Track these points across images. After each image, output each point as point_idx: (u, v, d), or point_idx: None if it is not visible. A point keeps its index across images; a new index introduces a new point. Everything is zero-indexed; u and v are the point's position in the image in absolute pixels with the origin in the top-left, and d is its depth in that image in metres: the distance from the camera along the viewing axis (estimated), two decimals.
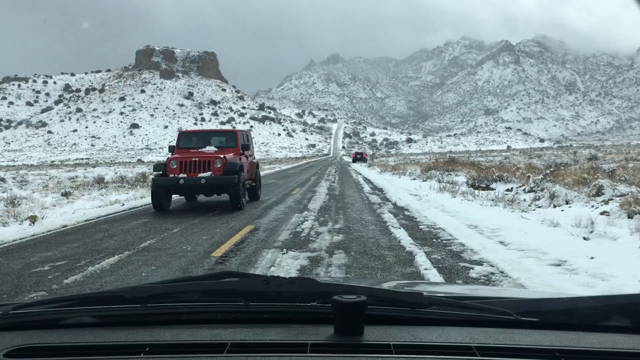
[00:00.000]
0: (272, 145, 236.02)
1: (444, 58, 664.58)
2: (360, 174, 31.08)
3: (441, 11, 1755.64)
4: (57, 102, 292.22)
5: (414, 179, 22.60)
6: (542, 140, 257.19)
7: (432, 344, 1.09)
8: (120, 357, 1.08)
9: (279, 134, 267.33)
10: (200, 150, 12.85)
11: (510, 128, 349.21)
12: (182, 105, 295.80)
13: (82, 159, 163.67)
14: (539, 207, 10.75)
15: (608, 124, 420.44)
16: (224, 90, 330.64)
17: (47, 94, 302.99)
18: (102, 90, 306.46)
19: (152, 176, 14.44)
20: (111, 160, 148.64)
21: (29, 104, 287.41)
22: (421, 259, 6.23)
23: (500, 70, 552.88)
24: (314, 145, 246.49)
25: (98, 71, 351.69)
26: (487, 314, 1.21)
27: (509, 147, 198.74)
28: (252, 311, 1.24)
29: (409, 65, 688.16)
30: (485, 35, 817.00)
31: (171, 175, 11.85)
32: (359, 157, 64.29)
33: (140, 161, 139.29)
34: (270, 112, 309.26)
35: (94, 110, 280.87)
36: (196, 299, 1.29)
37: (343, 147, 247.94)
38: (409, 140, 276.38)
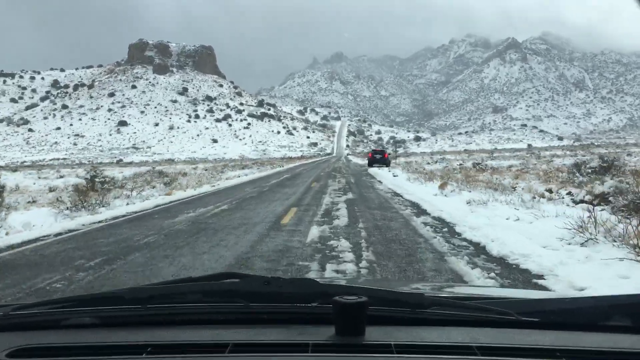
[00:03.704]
0: (271, 144, 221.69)
1: (449, 56, 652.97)
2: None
3: (445, 9, 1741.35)
4: (43, 99, 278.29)
5: None
6: (560, 139, 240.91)
7: (434, 344, 1.08)
8: (122, 357, 1.07)
9: (278, 132, 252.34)
10: None
11: (525, 125, 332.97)
12: (175, 101, 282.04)
13: (58, 159, 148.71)
14: None
15: (621, 122, 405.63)
16: (221, 85, 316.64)
17: (34, 90, 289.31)
18: (91, 86, 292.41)
19: None
20: (90, 161, 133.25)
21: (13, 100, 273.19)
22: None
23: (507, 68, 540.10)
24: (315, 144, 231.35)
25: (89, 67, 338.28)
26: (488, 314, 1.20)
27: (529, 145, 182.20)
28: (253, 312, 1.23)
29: (414, 64, 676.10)
30: (490, 32, 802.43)
31: None
32: (378, 158, 42.96)
33: (119, 162, 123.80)
34: (269, 109, 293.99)
35: (81, 107, 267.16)
36: (197, 299, 1.28)
37: (347, 145, 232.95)
38: (418, 139, 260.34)
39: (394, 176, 25.37)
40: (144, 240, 8.11)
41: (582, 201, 10.46)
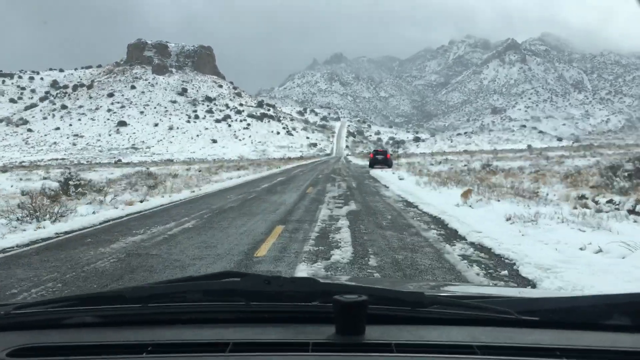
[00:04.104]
0: (270, 145, 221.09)
1: (448, 57, 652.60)
2: None
3: (444, 10, 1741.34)
4: (42, 99, 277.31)
5: None
6: (559, 139, 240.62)
7: (433, 342, 1.09)
8: (123, 356, 1.07)
9: (278, 133, 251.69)
10: None
11: (524, 126, 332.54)
12: (174, 101, 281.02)
13: (57, 159, 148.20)
14: None
15: (619, 123, 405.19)
16: (221, 86, 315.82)
17: (33, 91, 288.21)
18: (90, 87, 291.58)
19: None
20: (89, 161, 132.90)
21: (12, 100, 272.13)
22: None
23: (506, 69, 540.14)
24: (315, 145, 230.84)
25: (88, 67, 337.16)
26: (487, 313, 1.21)
27: (529, 146, 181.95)
28: (253, 311, 1.23)
29: (413, 65, 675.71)
30: (489, 33, 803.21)
31: None
32: (380, 159, 39.93)
33: (117, 162, 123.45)
34: (269, 110, 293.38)
35: (80, 107, 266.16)
36: (197, 299, 1.28)
37: (347, 146, 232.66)
38: (417, 140, 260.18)
39: (400, 179, 22.80)
40: (23, 293, 5.30)
41: (632, 212, 8.82)
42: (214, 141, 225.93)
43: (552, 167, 32.32)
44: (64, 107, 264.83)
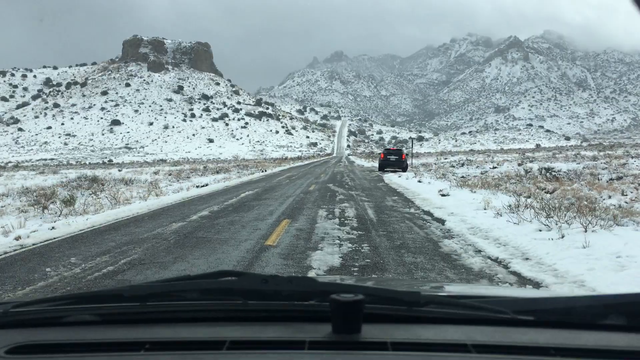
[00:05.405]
0: (269, 144, 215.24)
1: (450, 55, 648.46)
2: None
3: (446, 7, 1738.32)
4: (34, 97, 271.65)
5: None
6: (567, 139, 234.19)
7: (429, 341, 1.10)
8: (121, 353, 1.08)
9: (277, 132, 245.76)
10: None
11: (531, 125, 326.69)
12: (170, 100, 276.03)
13: (46, 159, 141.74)
14: None
15: (625, 122, 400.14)
16: (218, 84, 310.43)
17: (25, 89, 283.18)
18: (84, 85, 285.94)
19: None
20: (78, 161, 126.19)
21: (3, 99, 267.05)
22: None
23: (508, 67, 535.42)
24: (315, 144, 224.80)
25: (83, 64, 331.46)
26: (483, 312, 1.21)
27: (538, 145, 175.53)
28: (250, 309, 1.24)
29: (414, 63, 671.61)
30: (491, 31, 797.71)
31: None
32: (392, 160, 33.02)
33: (108, 163, 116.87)
34: (268, 108, 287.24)
35: (73, 105, 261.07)
36: (194, 297, 1.29)
37: (348, 145, 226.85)
38: (420, 139, 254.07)
39: (443, 195, 14.18)
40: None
41: None
42: (211, 140, 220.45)
43: (620, 170, 26.56)
44: (56, 105, 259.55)
